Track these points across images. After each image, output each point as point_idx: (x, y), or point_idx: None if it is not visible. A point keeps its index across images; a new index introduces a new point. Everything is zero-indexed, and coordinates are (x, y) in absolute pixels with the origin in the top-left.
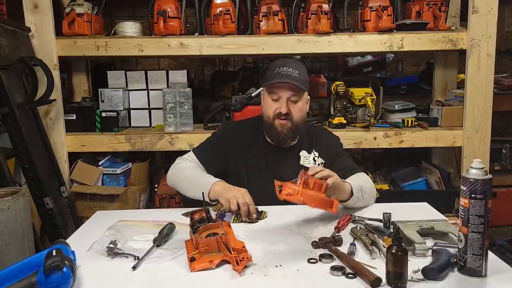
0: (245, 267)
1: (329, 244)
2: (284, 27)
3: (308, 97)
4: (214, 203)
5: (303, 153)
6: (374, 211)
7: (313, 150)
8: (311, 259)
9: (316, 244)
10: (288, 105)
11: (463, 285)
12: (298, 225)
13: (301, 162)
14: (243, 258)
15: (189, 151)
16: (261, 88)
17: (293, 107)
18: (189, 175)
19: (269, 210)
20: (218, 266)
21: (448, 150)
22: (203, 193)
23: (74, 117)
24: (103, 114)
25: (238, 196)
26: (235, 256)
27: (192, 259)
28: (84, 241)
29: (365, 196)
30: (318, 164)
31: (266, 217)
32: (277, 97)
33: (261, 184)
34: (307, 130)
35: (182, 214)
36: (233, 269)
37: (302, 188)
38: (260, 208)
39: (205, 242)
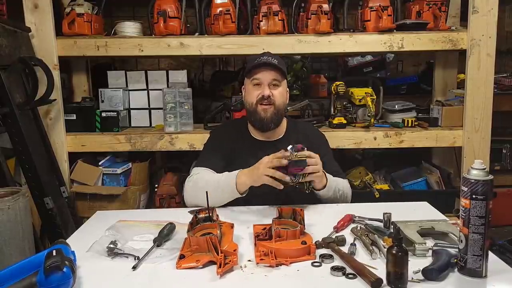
0: (245, 266)
1: (332, 244)
2: (284, 27)
3: (287, 89)
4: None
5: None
6: (374, 211)
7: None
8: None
9: (319, 244)
10: (270, 89)
11: (464, 286)
12: None
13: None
14: (229, 261)
15: (189, 151)
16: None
17: (275, 91)
18: (209, 183)
19: (268, 210)
20: (205, 266)
21: (448, 150)
22: (206, 192)
23: (74, 117)
24: (103, 114)
25: (263, 171)
26: (220, 259)
27: (181, 257)
28: (84, 241)
29: (337, 195)
30: None
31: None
32: (259, 82)
33: None
34: (294, 125)
35: (188, 212)
36: (216, 271)
37: (275, 242)
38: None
39: (195, 241)
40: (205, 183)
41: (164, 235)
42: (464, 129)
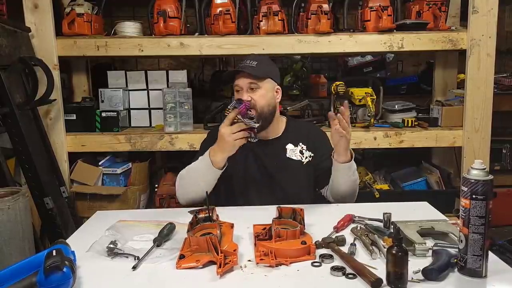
0: (245, 266)
1: (332, 244)
2: (284, 27)
3: (277, 86)
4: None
5: (289, 146)
6: (374, 211)
7: (300, 143)
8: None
9: (319, 244)
10: (248, 93)
11: (464, 286)
12: None
13: (287, 155)
14: (229, 261)
15: (189, 151)
16: None
17: (254, 95)
18: (190, 171)
19: (268, 210)
20: (205, 266)
21: (448, 150)
22: (206, 192)
23: (74, 117)
24: (103, 114)
25: (227, 139)
26: (220, 259)
27: (181, 257)
28: (84, 241)
29: (353, 179)
30: (306, 157)
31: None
32: (239, 88)
33: (251, 180)
34: (294, 124)
35: (188, 211)
36: (216, 271)
37: (275, 242)
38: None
39: (195, 241)
40: (186, 173)
41: (164, 235)
42: (464, 129)
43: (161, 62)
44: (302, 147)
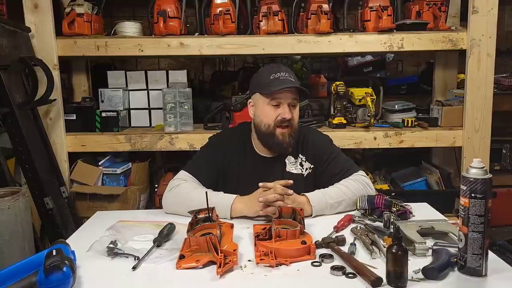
0: (245, 266)
1: (332, 244)
2: (284, 27)
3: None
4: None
5: (289, 159)
6: None
7: (300, 154)
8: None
9: (319, 244)
10: (289, 110)
11: (463, 285)
12: None
13: (287, 169)
14: (229, 261)
15: (189, 151)
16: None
17: (294, 112)
18: (195, 198)
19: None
20: (205, 266)
21: (448, 150)
22: (206, 192)
23: (74, 117)
24: (103, 114)
25: (259, 206)
26: (220, 259)
27: (181, 257)
28: (84, 241)
29: (344, 205)
30: (306, 169)
31: None
32: (277, 102)
33: None
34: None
35: (188, 212)
36: (216, 271)
37: (275, 242)
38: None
39: (195, 241)
40: (190, 199)
41: (164, 235)
42: (464, 129)
43: (161, 62)
44: (302, 159)
